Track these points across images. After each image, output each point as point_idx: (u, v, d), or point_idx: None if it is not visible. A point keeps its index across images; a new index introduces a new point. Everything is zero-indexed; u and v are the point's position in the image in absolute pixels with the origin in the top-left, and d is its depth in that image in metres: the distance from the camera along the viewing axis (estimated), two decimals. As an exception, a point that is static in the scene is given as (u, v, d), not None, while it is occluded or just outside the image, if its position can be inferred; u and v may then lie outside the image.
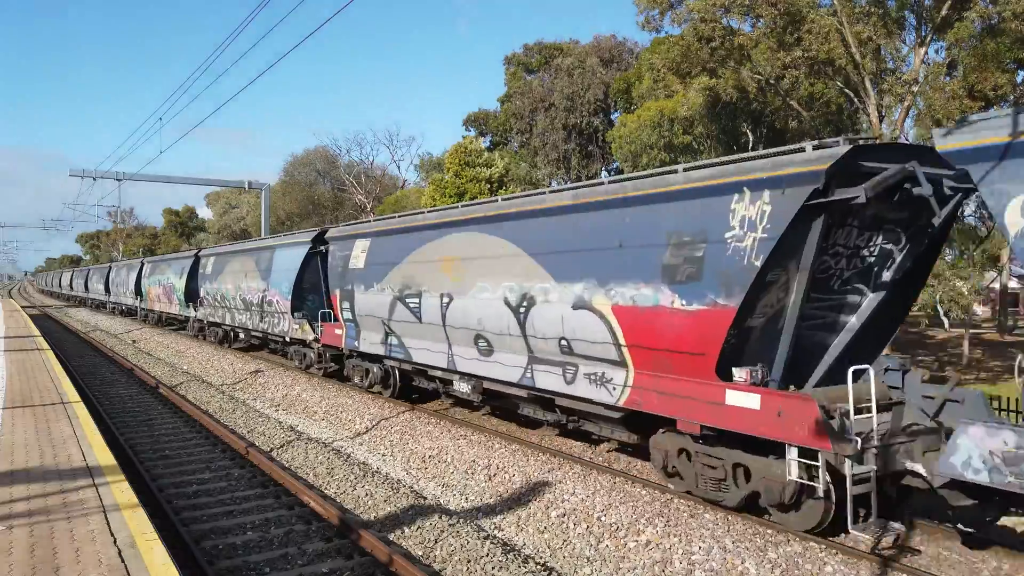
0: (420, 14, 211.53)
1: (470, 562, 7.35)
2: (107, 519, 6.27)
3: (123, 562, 5.33)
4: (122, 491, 7.09)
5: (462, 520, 8.56)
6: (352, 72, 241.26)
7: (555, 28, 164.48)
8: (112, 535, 5.88)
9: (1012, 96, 23.90)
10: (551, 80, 45.07)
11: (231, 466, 11.15)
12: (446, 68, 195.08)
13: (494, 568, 7.20)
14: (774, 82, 28.92)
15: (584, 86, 42.72)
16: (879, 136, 22.85)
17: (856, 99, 27.23)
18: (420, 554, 7.73)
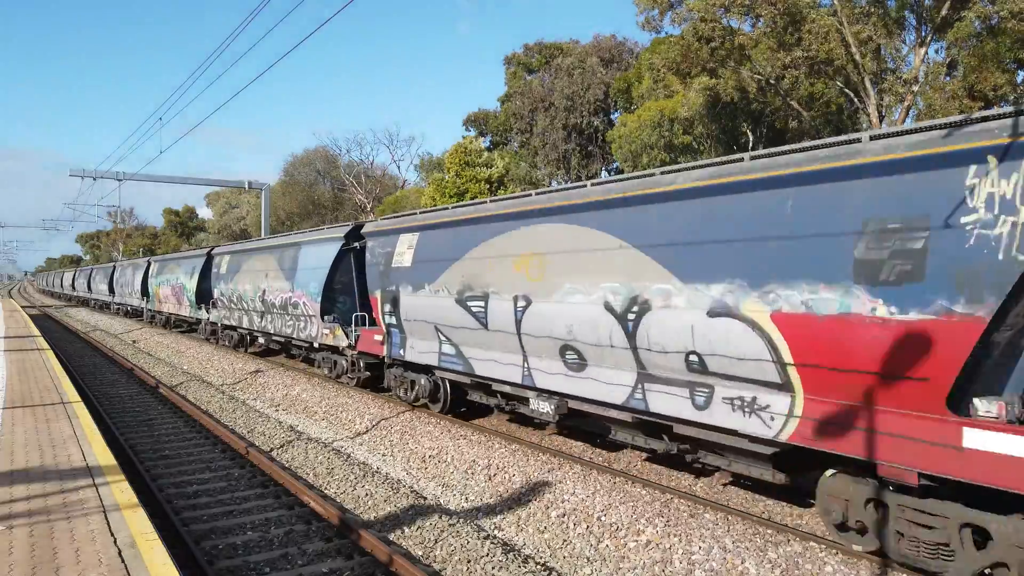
0: (420, 14, 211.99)
1: (470, 562, 7.36)
2: (107, 519, 6.27)
3: (123, 562, 5.34)
4: (122, 491, 7.10)
5: (462, 520, 8.56)
6: (352, 72, 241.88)
7: (555, 28, 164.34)
8: (112, 535, 5.89)
9: (1012, 96, 23.92)
10: (551, 80, 45.14)
11: (231, 466, 11.16)
12: (446, 68, 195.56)
13: (494, 568, 7.21)
14: (774, 82, 28.95)
15: (584, 86, 42.78)
16: None
17: (856, 99, 27.26)
18: (420, 554, 7.74)
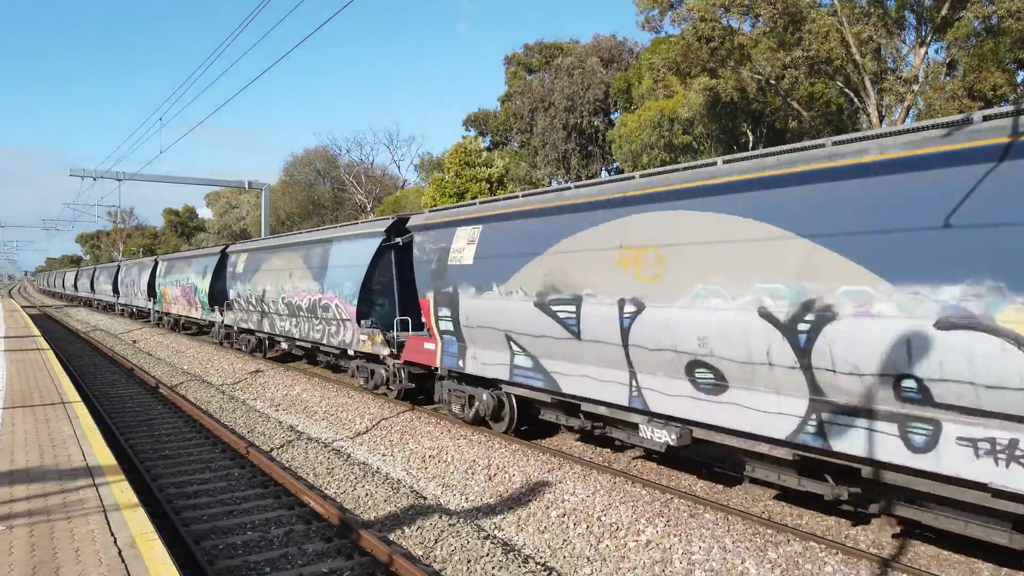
0: (421, 14, 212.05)
1: (470, 562, 7.36)
2: (107, 519, 6.27)
3: (123, 562, 5.34)
4: (122, 491, 7.10)
5: (462, 520, 8.56)
6: (352, 72, 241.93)
7: (555, 28, 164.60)
8: (112, 535, 5.89)
9: (1011, 96, 23.93)
10: (551, 80, 45.16)
11: (231, 466, 11.16)
12: (446, 68, 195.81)
13: (494, 568, 7.21)
14: (774, 82, 28.96)
15: (584, 86, 42.80)
16: None
17: (856, 99, 27.26)
18: (420, 554, 7.74)
